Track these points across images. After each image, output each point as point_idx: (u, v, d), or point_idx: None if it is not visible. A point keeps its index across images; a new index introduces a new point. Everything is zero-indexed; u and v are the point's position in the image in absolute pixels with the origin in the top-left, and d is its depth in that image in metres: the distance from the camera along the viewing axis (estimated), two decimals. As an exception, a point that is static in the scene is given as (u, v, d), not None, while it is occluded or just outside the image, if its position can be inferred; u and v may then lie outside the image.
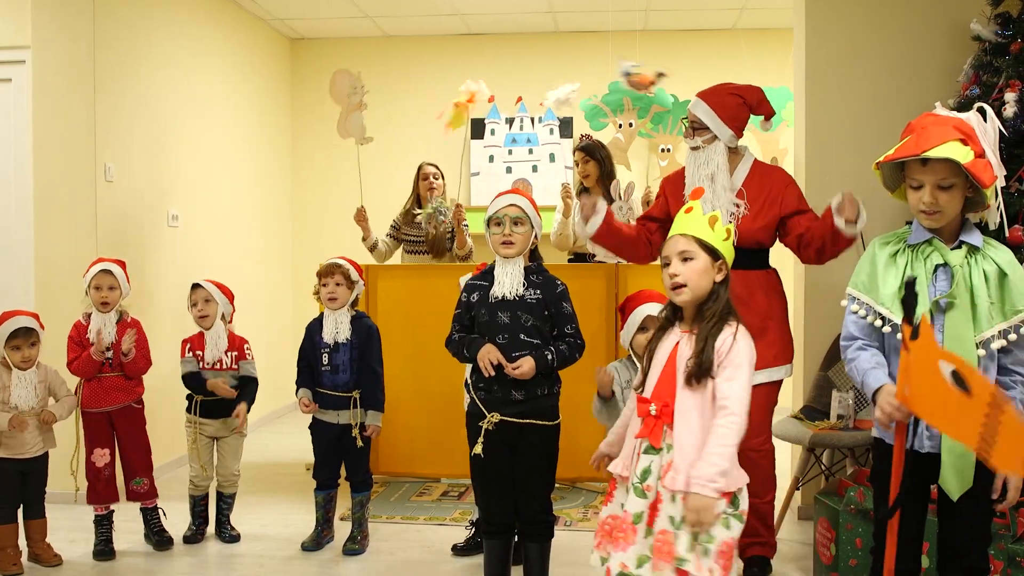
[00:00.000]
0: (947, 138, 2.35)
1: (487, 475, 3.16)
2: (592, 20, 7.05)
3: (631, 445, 2.50)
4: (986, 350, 2.38)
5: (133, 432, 4.06)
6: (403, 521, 4.45)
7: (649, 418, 2.43)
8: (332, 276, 3.98)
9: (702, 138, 3.62)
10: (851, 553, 3.32)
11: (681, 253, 2.45)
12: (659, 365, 2.48)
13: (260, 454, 5.85)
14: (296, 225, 7.71)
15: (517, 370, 3.01)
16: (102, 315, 3.97)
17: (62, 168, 4.72)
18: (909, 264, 2.46)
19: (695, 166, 3.61)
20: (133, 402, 4.06)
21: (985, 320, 2.37)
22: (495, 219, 3.14)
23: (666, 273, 2.47)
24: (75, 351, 3.97)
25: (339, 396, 3.96)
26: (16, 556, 3.78)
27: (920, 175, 2.40)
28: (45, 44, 4.64)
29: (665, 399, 2.41)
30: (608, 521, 2.52)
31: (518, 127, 7.23)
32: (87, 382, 3.98)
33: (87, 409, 3.98)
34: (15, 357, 3.78)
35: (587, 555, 3.81)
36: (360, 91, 5.27)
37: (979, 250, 2.43)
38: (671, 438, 2.38)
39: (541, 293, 3.11)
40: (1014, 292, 2.37)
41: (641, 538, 2.38)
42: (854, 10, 4.33)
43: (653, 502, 2.38)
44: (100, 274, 3.98)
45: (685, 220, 2.52)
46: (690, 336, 2.44)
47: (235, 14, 6.68)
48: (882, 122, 4.21)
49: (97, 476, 3.97)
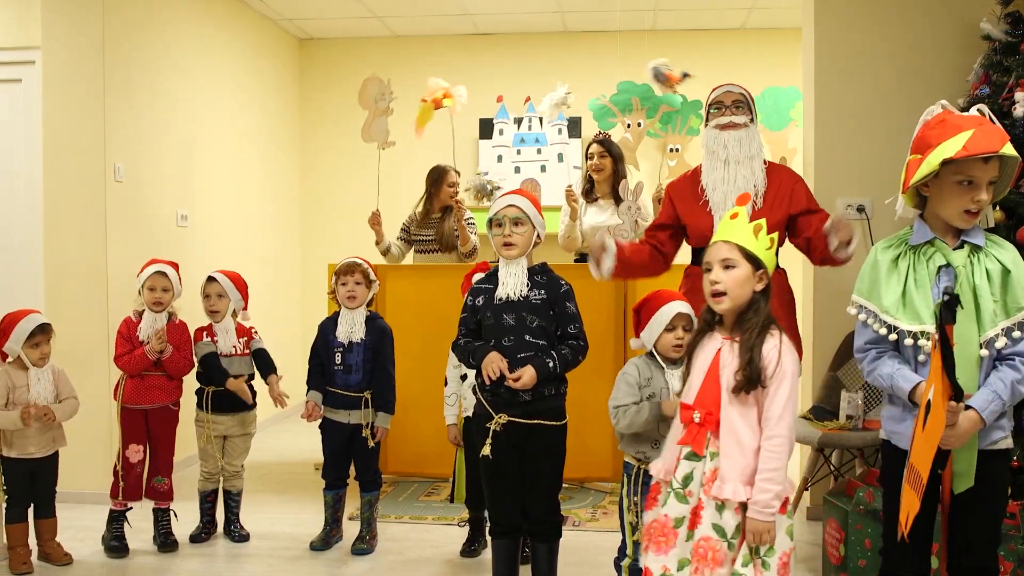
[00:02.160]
0: (1007, 137, 2.37)
1: (495, 476, 3.15)
2: (600, 20, 7.04)
3: (673, 451, 2.48)
4: (990, 350, 2.37)
5: (166, 432, 4.11)
6: (412, 521, 4.45)
7: (692, 425, 2.42)
8: (352, 275, 3.99)
9: (746, 117, 3.60)
10: (860, 554, 3.31)
11: (723, 260, 2.43)
12: (700, 372, 2.46)
13: (269, 453, 5.86)
14: (305, 225, 7.73)
15: (517, 381, 2.99)
16: (153, 314, 4.04)
17: (72, 168, 4.74)
18: (912, 267, 2.45)
19: (735, 144, 3.55)
20: (171, 403, 4.11)
21: (989, 320, 2.36)
22: (496, 220, 3.12)
23: (707, 279, 2.46)
24: (124, 346, 4.02)
25: (351, 396, 3.97)
26: (26, 555, 3.79)
27: (980, 172, 2.37)
28: (54, 45, 4.65)
29: (708, 407, 2.41)
30: (653, 526, 2.49)
31: (526, 127, 7.23)
32: (129, 379, 4.03)
33: (127, 405, 4.03)
34: (34, 354, 3.79)
35: (595, 555, 3.84)
36: (388, 97, 5.36)
37: (982, 249, 2.42)
38: (714, 446, 2.39)
39: (546, 293, 3.10)
40: (1017, 289, 2.36)
41: (682, 542, 2.38)
42: (863, 10, 4.31)
43: (695, 507, 2.38)
44: (155, 275, 4.05)
45: (729, 226, 2.50)
46: (731, 343, 2.43)
47: (244, 14, 6.70)
48: (891, 121, 4.20)
49: (130, 472, 4.01)
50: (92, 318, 4.67)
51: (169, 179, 5.57)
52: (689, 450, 2.41)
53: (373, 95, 5.36)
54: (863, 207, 4.24)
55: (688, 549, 2.37)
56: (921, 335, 2.40)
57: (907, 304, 2.43)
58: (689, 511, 2.39)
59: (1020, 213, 3.36)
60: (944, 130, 2.40)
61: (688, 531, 2.38)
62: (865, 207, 4.24)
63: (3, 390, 3.74)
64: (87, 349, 4.62)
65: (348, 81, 7.63)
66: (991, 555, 2.48)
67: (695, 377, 2.48)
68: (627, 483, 3.03)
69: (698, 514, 2.37)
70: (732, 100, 3.63)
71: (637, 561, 3.06)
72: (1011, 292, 2.36)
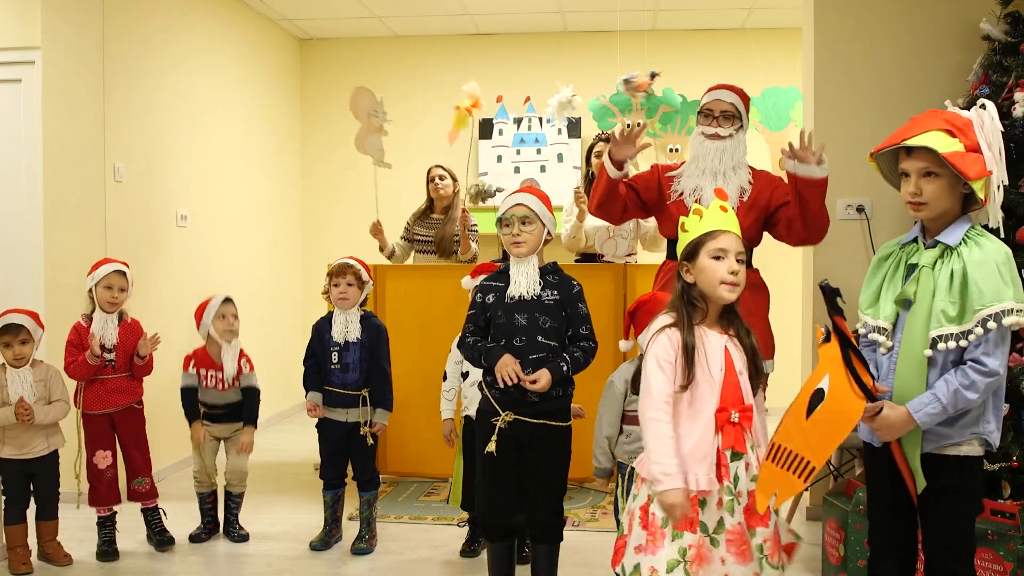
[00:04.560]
0: (930, 127, 2.38)
1: (495, 474, 3.14)
2: (601, 20, 7.03)
3: (712, 457, 2.40)
4: (933, 349, 2.36)
5: (135, 432, 4.06)
6: (411, 521, 4.45)
7: (730, 426, 2.41)
8: (344, 276, 4.00)
9: (733, 127, 3.61)
10: (860, 554, 3.31)
11: (739, 254, 2.46)
12: (718, 370, 2.44)
13: (269, 454, 5.86)
14: (305, 225, 7.72)
15: (535, 384, 2.98)
16: (104, 316, 3.96)
17: (72, 168, 4.74)
18: (895, 265, 2.50)
19: (718, 155, 3.57)
20: (135, 403, 4.06)
21: (935, 320, 2.35)
22: (504, 220, 3.12)
23: (723, 268, 2.45)
24: (73, 354, 3.92)
25: (348, 394, 3.98)
26: (26, 555, 3.79)
27: (905, 164, 2.44)
28: (54, 45, 4.65)
29: (739, 405, 2.42)
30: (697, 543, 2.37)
31: (526, 127, 7.23)
32: (88, 385, 3.96)
33: (88, 412, 3.96)
34: (7, 354, 3.78)
35: (595, 556, 3.83)
36: (380, 115, 5.23)
37: (953, 249, 2.39)
38: (750, 439, 2.44)
39: (558, 294, 3.09)
40: (973, 292, 2.31)
41: (752, 542, 2.39)
42: (863, 9, 4.31)
43: (747, 507, 2.40)
44: (113, 274, 3.97)
45: (726, 219, 2.50)
46: (732, 340, 2.47)
47: (244, 14, 6.70)
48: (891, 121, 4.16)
49: (99, 478, 3.96)
50: (92, 318, 4.66)
51: (169, 179, 5.57)
52: (732, 451, 2.41)
53: (365, 108, 5.24)
54: (863, 207, 4.24)
55: (755, 547, 2.39)
56: (877, 330, 2.47)
57: (879, 300, 2.50)
58: (743, 511, 2.40)
59: (1020, 213, 3.36)
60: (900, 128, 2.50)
61: (749, 530, 2.39)
62: (865, 207, 4.24)
63: None
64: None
65: (348, 81, 7.60)
66: (958, 561, 2.43)
67: (715, 376, 2.43)
68: (622, 483, 3.03)
69: (753, 510, 2.39)
70: (720, 110, 3.63)
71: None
72: (968, 297, 2.32)
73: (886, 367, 2.48)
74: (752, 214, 3.57)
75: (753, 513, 2.37)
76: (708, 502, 2.38)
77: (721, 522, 2.37)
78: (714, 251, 2.46)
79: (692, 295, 2.49)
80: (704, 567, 2.34)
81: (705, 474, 2.37)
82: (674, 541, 2.35)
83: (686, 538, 2.34)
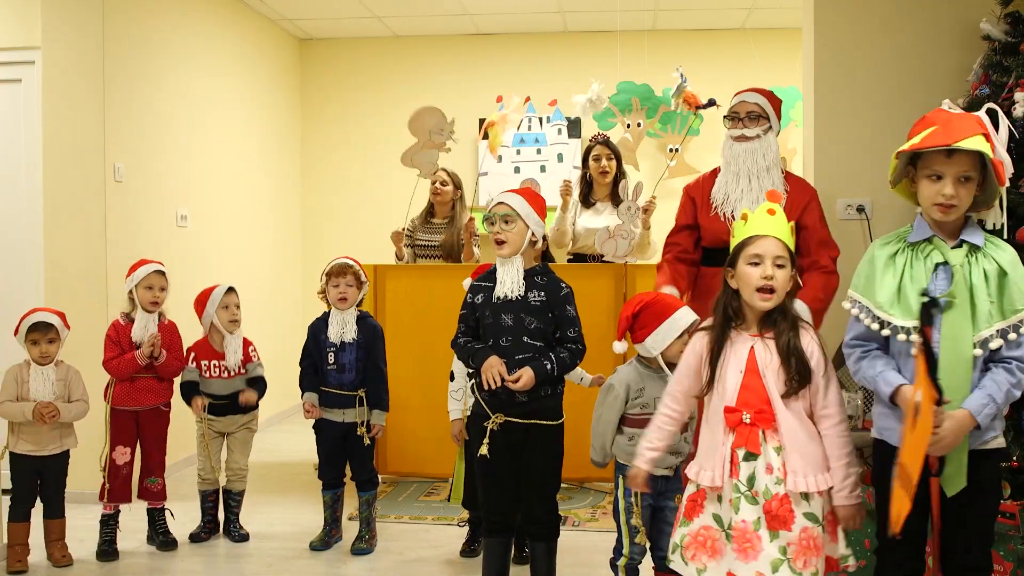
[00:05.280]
0: (975, 131, 2.35)
1: (491, 476, 3.15)
2: (601, 20, 7.03)
3: (721, 454, 2.44)
4: (983, 349, 2.36)
5: (158, 433, 4.10)
6: (411, 521, 4.45)
7: (743, 426, 2.42)
8: (343, 276, 4.00)
9: (760, 128, 3.60)
10: (860, 554, 3.30)
11: (777, 258, 2.44)
12: (736, 372, 2.45)
13: (268, 454, 5.86)
14: (305, 225, 7.72)
15: (516, 383, 2.99)
16: (147, 316, 4.01)
17: (72, 168, 4.74)
18: (908, 263, 2.45)
19: (749, 156, 3.56)
20: (162, 404, 4.10)
21: (984, 320, 2.35)
22: (489, 219, 3.13)
23: (756, 273, 2.44)
24: (113, 350, 3.99)
25: (345, 395, 3.98)
26: (23, 554, 3.79)
27: (943, 166, 2.37)
28: (54, 45, 4.65)
29: (756, 405, 2.41)
30: (702, 532, 2.46)
31: (526, 127, 7.22)
32: (119, 382, 4.00)
33: (117, 407, 4.01)
34: (34, 352, 3.80)
35: (594, 556, 3.83)
36: (447, 134, 5.23)
37: (980, 249, 2.41)
38: (774, 440, 2.41)
39: (545, 295, 3.09)
40: (1014, 291, 2.35)
41: (767, 543, 2.37)
42: (863, 10, 4.31)
43: (766, 507, 2.38)
44: (153, 275, 4.04)
45: (770, 222, 2.49)
46: (763, 340, 2.45)
47: (244, 14, 6.70)
48: (891, 122, 4.19)
49: (116, 474, 3.99)
50: (92, 318, 4.67)
51: (169, 179, 5.57)
52: (745, 451, 2.41)
53: (429, 126, 5.22)
54: (863, 207, 4.24)
55: (776, 549, 2.36)
56: (914, 330, 2.40)
57: (901, 300, 2.43)
58: (761, 511, 2.39)
59: (1020, 213, 3.36)
60: (918, 126, 2.44)
61: (770, 531, 2.37)
62: (865, 207, 4.24)
63: (13, 384, 3.79)
64: (87, 349, 4.61)
65: (348, 81, 7.65)
66: (985, 554, 2.47)
67: (731, 378, 2.45)
68: (621, 483, 3.02)
69: (773, 513, 2.37)
70: (746, 111, 3.63)
71: (633, 560, 3.06)
72: (1007, 294, 2.35)
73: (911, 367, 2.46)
74: (789, 218, 3.53)
75: (776, 516, 2.37)
76: (722, 497, 2.43)
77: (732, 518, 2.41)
78: (751, 256, 2.46)
79: (731, 301, 2.51)
80: (715, 558, 2.42)
81: (716, 471, 2.44)
82: (681, 527, 2.51)
83: (691, 525, 2.48)
